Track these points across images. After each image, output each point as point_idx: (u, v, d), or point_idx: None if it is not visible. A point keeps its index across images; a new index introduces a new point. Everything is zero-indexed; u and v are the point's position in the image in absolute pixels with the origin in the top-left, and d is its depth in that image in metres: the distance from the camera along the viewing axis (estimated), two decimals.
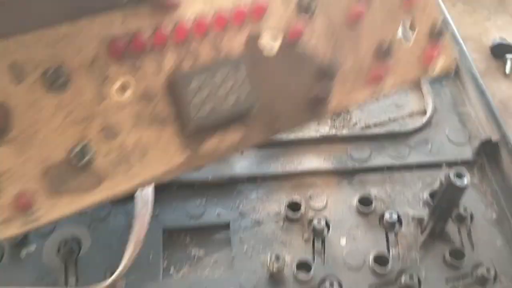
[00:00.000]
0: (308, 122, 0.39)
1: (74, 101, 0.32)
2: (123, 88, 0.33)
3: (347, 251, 0.42)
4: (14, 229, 0.30)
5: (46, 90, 0.31)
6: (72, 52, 0.32)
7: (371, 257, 0.42)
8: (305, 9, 0.37)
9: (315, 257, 0.42)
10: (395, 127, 0.50)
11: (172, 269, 0.41)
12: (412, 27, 0.41)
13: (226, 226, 0.43)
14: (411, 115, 0.51)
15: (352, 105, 0.40)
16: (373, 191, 0.46)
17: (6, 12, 0.30)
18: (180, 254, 0.42)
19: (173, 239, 0.42)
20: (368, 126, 0.49)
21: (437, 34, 0.41)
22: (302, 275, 0.40)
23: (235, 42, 0.35)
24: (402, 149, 0.49)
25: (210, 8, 0.35)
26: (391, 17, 0.40)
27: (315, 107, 0.38)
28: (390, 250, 0.43)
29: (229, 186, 0.45)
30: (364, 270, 0.42)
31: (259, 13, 0.36)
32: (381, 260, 0.42)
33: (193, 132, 0.35)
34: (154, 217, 0.42)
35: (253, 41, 0.36)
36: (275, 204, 0.45)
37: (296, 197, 0.45)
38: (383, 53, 0.40)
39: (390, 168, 0.47)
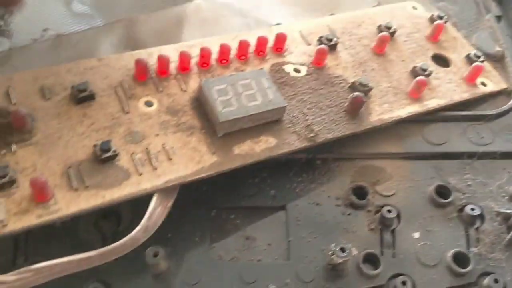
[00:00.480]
0: (348, 132, 0.39)
1: (100, 113, 0.36)
2: (148, 103, 0.37)
3: (421, 246, 0.37)
4: (30, 220, 0.30)
5: (72, 104, 0.36)
6: (100, 78, 0.37)
7: (449, 255, 0.36)
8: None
9: (383, 250, 0.37)
10: (477, 109, 0.44)
11: (221, 251, 0.36)
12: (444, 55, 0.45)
13: (282, 208, 0.38)
14: (495, 95, 0.45)
15: (395, 120, 0.40)
16: (451, 180, 0.40)
17: None
18: (230, 235, 0.37)
19: (222, 219, 0.38)
20: (446, 107, 0.43)
21: (474, 58, 0.45)
22: (369, 270, 0.35)
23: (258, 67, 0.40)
24: (485, 134, 0.42)
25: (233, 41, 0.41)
26: (420, 48, 0.46)
27: (353, 119, 0.39)
28: (470, 248, 0.37)
29: (286, 166, 0.40)
30: (441, 268, 0.36)
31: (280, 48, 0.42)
32: (460, 258, 0.36)
33: (221, 136, 0.36)
34: (202, 193, 0.38)
35: (277, 67, 0.41)
36: (337, 188, 0.39)
37: (362, 182, 0.39)
38: (419, 75, 0.42)
39: (470, 155, 0.41)
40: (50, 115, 0.35)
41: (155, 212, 0.33)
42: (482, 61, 0.45)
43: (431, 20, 0.48)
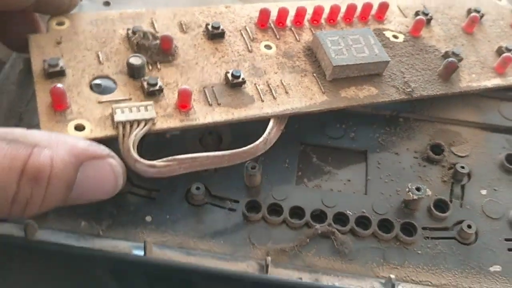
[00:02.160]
0: (440, 93, 0.44)
1: (228, 49, 0.42)
2: (267, 47, 0.43)
3: (487, 201, 0.41)
4: (174, 123, 0.36)
5: (206, 39, 0.43)
6: (227, 21, 0.44)
7: (511, 212, 0.40)
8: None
9: (453, 200, 0.41)
10: None
11: (305, 179, 0.41)
12: None
13: (362, 153, 0.43)
14: None
15: (482, 89, 0.45)
16: None
17: None
18: (314, 168, 0.42)
19: (309, 154, 0.43)
20: None
21: None
22: (438, 213, 0.39)
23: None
24: None
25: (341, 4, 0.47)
26: (505, 33, 0.50)
27: (445, 82, 0.44)
28: None
29: (370, 119, 0.45)
30: (502, 222, 0.40)
31: (380, 17, 0.48)
32: None
33: (331, 80, 0.41)
34: (293, 130, 0.43)
35: (378, 31, 0.46)
36: (416, 143, 0.44)
37: (439, 141, 0.44)
38: (505, 53, 0.46)
39: None
40: (188, 45, 0.42)
41: (272, 131, 0.39)
42: None
43: None
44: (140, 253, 0.35)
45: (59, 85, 0.35)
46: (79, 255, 0.35)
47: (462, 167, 0.41)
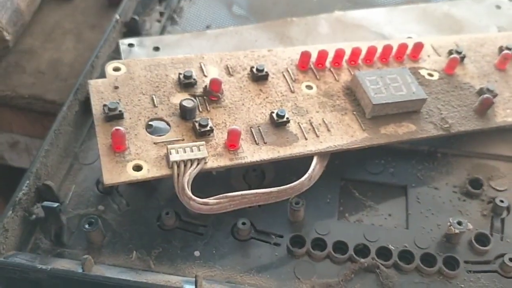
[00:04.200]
0: (477, 128, 0.45)
1: (272, 90, 0.45)
2: (308, 87, 0.45)
3: None
4: (224, 162, 0.39)
5: (251, 81, 0.45)
6: (270, 64, 0.47)
7: None
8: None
9: (493, 233, 0.41)
10: None
11: (347, 214, 0.43)
12: None
13: (402, 188, 0.45)
14: None
15: None
16: None
17: None
18: (355, 202, 0.44)
19: (349, 189, 0.45)
20: None
21: None
22: (479, 246, 0.40)
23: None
24: None
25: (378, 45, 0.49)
26: None
27: (481, 118, 0.46)
28: None
29: (408, 154, 0.47)
30: None
31: (415, 56, 0.50)
32: None
33: (370, 117, 0.43)
34: (334, 165, 0.45)
35: (413, 70, 0.48)
36: (454, 178, 0.45)
37: (478, 176, 0.45)
38: None
39: None
40: (234, 87, 0.44)
41: (316, 167, 0.41)
42: None
43: None
44: (191, 287, 0.37)
45: (120, 128, 0.37)
46: None
47: (502, 201, 0.42)
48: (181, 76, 0.43)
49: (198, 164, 0.37)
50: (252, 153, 0.40)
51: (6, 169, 0.70)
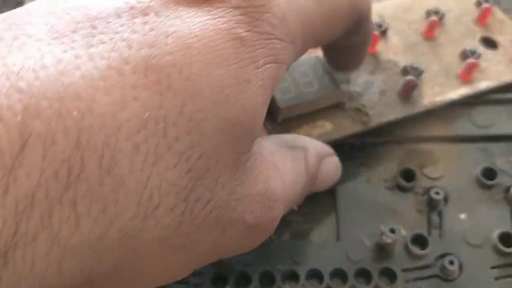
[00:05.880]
0: (401, 115, 0.40)
1: None
2: None
3: (467, 227, 0.38)
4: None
5: None
6: None
7: (494, 235, 0.37)
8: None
9: (431, 231, 0.38)
10: None
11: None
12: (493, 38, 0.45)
13: (329, 191, 0.40)
14: None
15: (447, 103, 0.41)
16: (498, 163, 0.41)
17: None
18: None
19: None
20: (495, 89, 0.43)
21: None
22: (417, 250, 0.36)
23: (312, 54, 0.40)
24: None
25: None
26: (468, 31, 0.45)
27: (406, 102, 0.40)
28: None
29: (334, 149, 0.41)
30: (487, 248, 0.37)
31: None
32: (506, 238, 0.37)
33: (282, 119, 0.38)
34: None
35: None
36: (384, 170, 0.41)
37: (409, 165, 0.41)
38: (469, 57, 0.42)
39: None
40: None
41: None
42: None
43: (478, 3, 0.48)
44: None
45: None
46: None
47: (437, 193, 0.38)
48: None
49: None
50: None
51: None
